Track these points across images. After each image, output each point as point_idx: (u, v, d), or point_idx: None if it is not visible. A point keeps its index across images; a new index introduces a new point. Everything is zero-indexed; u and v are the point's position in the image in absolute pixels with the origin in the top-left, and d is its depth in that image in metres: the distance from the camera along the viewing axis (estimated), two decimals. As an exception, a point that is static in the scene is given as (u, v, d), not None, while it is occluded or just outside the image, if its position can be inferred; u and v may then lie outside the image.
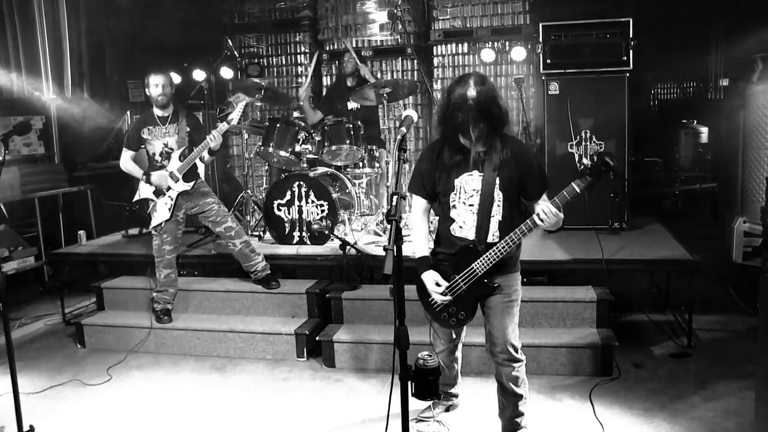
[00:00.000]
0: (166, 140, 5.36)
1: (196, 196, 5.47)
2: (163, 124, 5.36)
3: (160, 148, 5.37)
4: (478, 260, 3.31)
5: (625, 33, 6.20)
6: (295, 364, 5.16)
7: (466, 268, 3.36)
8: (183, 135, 5.35)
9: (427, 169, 3.47)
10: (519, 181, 3.33)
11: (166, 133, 5.36)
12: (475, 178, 3.35)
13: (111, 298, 6.03)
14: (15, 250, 7.17)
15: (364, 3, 8.14)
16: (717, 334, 5.30)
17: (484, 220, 3.33)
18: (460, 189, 3.38)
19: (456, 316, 3.49)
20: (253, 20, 8.65)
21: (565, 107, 6.25)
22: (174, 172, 5.33)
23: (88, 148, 8.73)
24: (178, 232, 5.52)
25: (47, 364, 5.37)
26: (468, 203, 3.37)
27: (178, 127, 5.36)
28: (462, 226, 3.40)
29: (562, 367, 4.70)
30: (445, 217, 3.47)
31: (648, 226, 6.51)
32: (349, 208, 6.37)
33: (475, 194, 3.35)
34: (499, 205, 3.34)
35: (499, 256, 3.27)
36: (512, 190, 3.34)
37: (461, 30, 8.00)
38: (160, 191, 5.37)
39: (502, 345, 3.45)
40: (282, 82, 8.62)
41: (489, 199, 3.32)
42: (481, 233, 3.34)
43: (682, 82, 11.27)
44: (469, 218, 3.38)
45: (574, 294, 5.04)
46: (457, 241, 3.41)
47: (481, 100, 3.14)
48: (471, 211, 3.37)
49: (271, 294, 5.57)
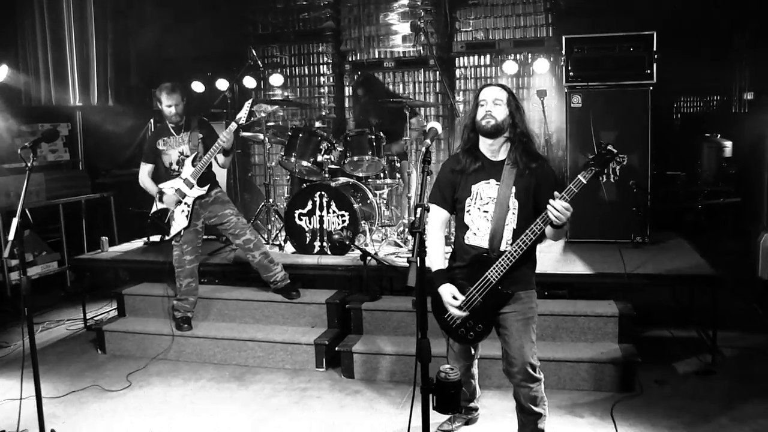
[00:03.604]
0: (181, 148, 5.39)
1: (215, 206, 5.48)
2: (177, 133, 5.40)
3: (176, 157, 5.40)
4: (491, 268, 3.30)
5: (649, 46, 6.17)
6: (314, 374, 5.16)
7: (480, 278, 3.34)
8: (195, 142, 5.37)
9: (445, 178, 3.52)
10: (535, 193, 3.35)
11: (180, 142, 5.39)
12: (492, 186, 3.39)
13: (132, 305, 6.07)
14: (39, 255, 7.27)
15: (386, 14, 8.16)
16: (742, 351, 5.22)
17: (498, 227, 3.34)
18: (477, 195, 3.42)
19: (473, 329, 3.44)
20: (277, 30, 8.71)
21: (587, 120, 6.21)
22: (188, 178, 5.32)
23: (111, 155, 8.82)
24: (198, 241, 5.53)
25: (68, 369, 5.42)
26: (483, 209, 3.40)
27: (190, 134, 5.38)
28: (476, 233, 3.42)
29: (583, 382, 4.66)
30: (460, 224, 3.49)
31: (670, 241, 6.44)
32: (370, 218, 6.37)
33: (491, 201, 3.38)
34: (514, 214, 3.36)
35: (512, 261, 3.25)
36: (527, 200, 3.36)
37: (484, 42, 8.00)
38: (176, 201, 5.40)
39: (520, 365, 3.40)
40: (305, 92, 8.66)
41: (504, 207, 3.34)
42: (494, 241, 3.34)
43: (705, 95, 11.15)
44: (483, 225, 3.40)
45: (595, 308, 5.00)
46: (470, 250, 3.42)
47: (511, 104, 3.38)
48: (485, 218, 3.39)
49: (291, 303, 5.58)
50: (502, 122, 3.35)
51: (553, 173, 3.46)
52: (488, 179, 3.40)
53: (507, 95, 3.41)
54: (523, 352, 3.39)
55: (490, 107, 3.36)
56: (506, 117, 3.37)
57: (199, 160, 5.30)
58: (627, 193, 6.14)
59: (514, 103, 3.41)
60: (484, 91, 3.45)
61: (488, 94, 3.41)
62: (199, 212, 5.45)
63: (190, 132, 5.39)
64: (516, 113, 3.39)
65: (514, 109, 3.39)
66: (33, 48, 8.13)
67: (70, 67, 8.19)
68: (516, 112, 3.40)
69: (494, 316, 3.42)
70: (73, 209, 7.75)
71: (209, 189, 5.43)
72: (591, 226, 6.24)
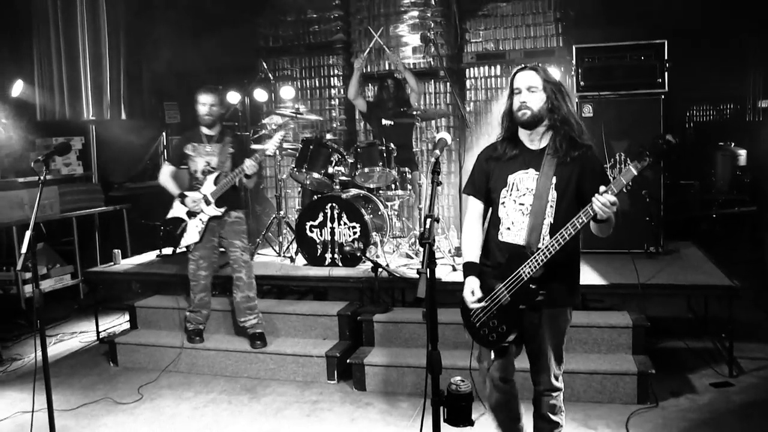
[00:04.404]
0: (208, 159, 5.30)
1: (230, 231, 5.38)
2: (208, 143, 5.32)
3: (203, 166, 5.31)
4: (525, 263, 2.99)
5: (660, 55, 6.14)
6: (326, 386, 5.14)
7: (511, 275, 3.04)
8: (224, 158, 5.29)
9: (480, 167, 3.29)
10: (578, 183, 3.07)
11: (210, 152, 5.31)
12: (531, 176, 3.11)
13: (144, 317, 6.08)
14: (52, 267, 7.32)
15: (397, 26, 8.18)
16: (761, 363, 5.13)
17: (537, 222, 3.06)
18: (513, 186, 3.14)
19: (496, 330, 3.11)
20: (288, 43, 8.75)
21: (599, 129, 6.18)
22: (207, 195, 5.25)
23: (124, 169, 8.89)
24: (213, 257, 5.50)
25: (81, 381, 5.43)
26: (519, 202, 3.12)
27: (222, 148, 5.31)
28: (510, 227, 3.14)
29: (597, 394, 4.61)
30: (494, 218, 3.22)
31: (684, 251, 6.39)
32: (381, 230, 6.36)
33: (528, 193, 3.10)
34: (552, 206, 3.07)
35: (548, 256, 2.93)
36: (569, 192, 3.07)
37: (494, 52, 8.00)
38: (192, 212, 5.34)
39: (546, 374, 3.25)
40: (315, 104, 8.69)
41: (543, 199, 3.06)
42: (531, 236, 3.05)
43: (718, 103, 11.12)
44: (518, 219, 3.12)
45: (609, 319, 4.95)
46: (504, 247, 3.15)
47: (547, 89, 3.08)
48: (521, 211, 3.11)
49: (303, 315, 5.57)
50: (539, 111, 3.08)
51: (598, 161, 3.19)
52: (527, 169, 3.12)
53: (542, 79, 3.10)
54: (550, 361, 3.23)
55: (525, 96, 3.08)
56: (543, 104, 3.08)
57: (223, 177, 5.23)
58: (640, 203, 6.09)
59: (550, 86, 3.10)
60: (518, 77, 3.14)
61: (522, 80, 3.11)
62: (215, 229, 5.38)
63: (222, 145, 5.31)
64: (555, 97, 3.09)
65: (551, 93, 3.09)
66: (48, 64, 8.23)
67: (84, 82, 8.28)
68: (555, 96, 3.09)
69: (521, 319, 3.09)
70: (87, 222, 7.80)
71: (228, 210, 5.32)
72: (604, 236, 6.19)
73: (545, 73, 3.12)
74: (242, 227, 5.44)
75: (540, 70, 3.12)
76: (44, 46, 8.24)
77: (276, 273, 6.13)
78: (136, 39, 8.81)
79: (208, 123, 5.28)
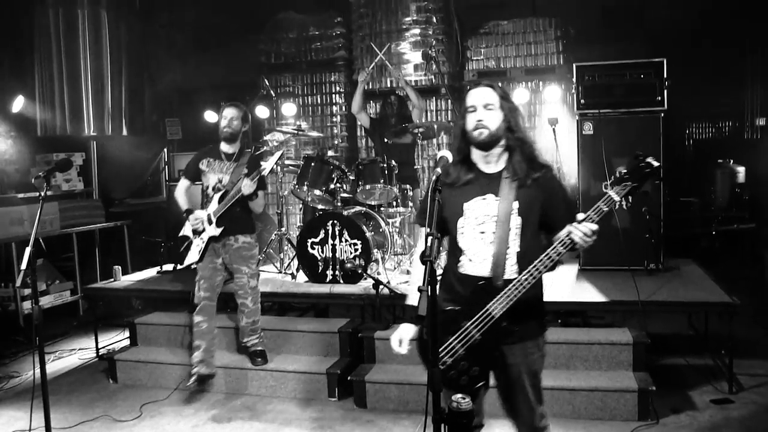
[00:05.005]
0: (221, 176, 5.17)
1: (237, 256, 5.19)
2: (227, 160, 5.19)
3: (214, 183, 5.17)
4: (495, 300, 2.73)
5: (659, 73, 6.18)
6: (327, 403, 5.12)
7: (480, 311, 2.75)
8: (237, 177, 5.08)
9: (432, 195, 2.82)
10: (542, 207, 2.85)
11: (224, 170, 5.17)
12: (490, 202, 2.85)
13: (144, 334, 6.07)
14: (52, 284, 7.31)
15: (398, 44, 8.24)
16: (760, 379, 5.12)
17: (501, 251, 2.80)
18: (471, 213, 2.88)
19: (467, 372, 2.77)
20: (290, 60, 8.82)
21: (599, 147, 6.21)
22: (211, 214, 5.10)
23: (125, 185, 8.90)
24: (215, 280, 5.25)
25: (79, 398, 5.41)
26: (479, 230, 2.86)
27: (236, 167, 5.15)
28: (472, 258, 2.86)
29: (597, 411, 4.59)
30: (453, 248, 2.94)
31: (684, 267, 6.39)
32: (382, 247, 6.37)
33: (488, 220, 2.84)
34: (518, 234, 2.82)
35: (521, 291, 2.69)
36: (533, 217, 2.84)
37: (495, 70, 8.07)
38: (196, 231, 5.20)
39: (528, 423, 2.95)
40: (317, 121, 8.72)
41: (505, 226, 2.81)
42: (497, 267, 2.80)
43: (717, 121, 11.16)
44: (480, 249, 2.85)
45: (609, 336, 4.94)
46: (466, 280, 2.85)
47: (504, 107, 2.87)
48: (482, 240, 2.85)
49: (304, 332, 5.56)
50: (496, 130, 2.85)
51: (559, 182, 2.99)
52: (484, 194, 2.87)
53: (499, 97, 2.89)
54: (533, 415, 2.93)
55: (481, 114, 2.85)
56: (501, 123, 2.86)
57: (227, 196, 5.07)
58: (640, 220, 6.11)
59: (507, 104, 2.90)
60: (472, 94, 2.91)
61: (477, 97, 2.88)
62: (219, 251, 5.19)
63: (237, 165, 5.16)
64: (511, 116, 2.88)
65: (508, 112, 2.88)
66: (49, 79, 8.28)
67: (85, 98, 8.33)
68: (511, 114, 2.89)
69: (495, 358, 2.81)
70: (87, 238, 7.81)
71: (235, 234, 5.15)
72: (604, 253, 6.19)
73: (502, 91, 2.94)
74: (250, 253, 5.25)
75: (496, 87, 2.93)
76: (46, 61, 8.30)
77: (277, 290, 6.13)
78: (138, 55, 8.87)
79: (226, 136, 5.17)
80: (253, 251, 5.28)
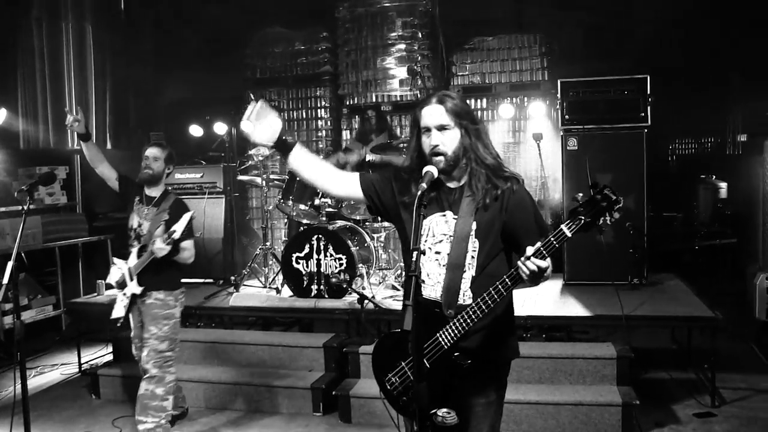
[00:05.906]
0: (141, 221, 4.55)
1: (145, 315, 4.48)
2: (146, 204, 4.58)
3: (135, 225, 4.58)
4: (444, 328, 2.54)
5: (643, 89, 6.27)
6: (312, 419, 5.09)
7: (430, 339, 2.56)
8: (155, 226, 4.40)
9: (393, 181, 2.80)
10: (508, 229, 2.62)
11: (143, 214, 4.56)
12: (448, 221, 2.65)
13: (127, 349, 5.96)
14: (34, 298, 7.22)
15: (384, 59, 8.29)
16: (742, 393, 5.17)
17: (455, 275, 2.60)
18: (429, 231, 2.67)
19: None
20: (275, 75, 8.84)
21: (583, 163, 6.26)
22: (131, 268, 4.48)
23: (109, 199, 8.82)
24: None
25: (61, 414, 5.35)
26: (435, 250, 2.65)
27: (157, 213, 4.48)
28: (426, 280, 2.65)
29: (582, 425, 4.60)
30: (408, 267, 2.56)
31: (668, 282, 6.45)
32: (367, 261, 6.36)
33: (445, 240, 2.64)
34: (474, 257, 2.61)
35: (469, 324, 2.50)
36: (492, 239, 2.62)
37: (480, 85, 8.14)
38: (122, 283, 4.57)
39: None
40: (302, 135, 8.74)
41: (462, 247, 2.59)
42: (449, 292, 2.59)
43: (700, 137, 11.28)
44: (434, 270, 2.65)
45: (593, 350, 4.96)
46: (423, 302, 2.60)
47: (461, 124, 2.61)
48: (438, 261, 2.65)
49: (289, 347, 5.54)
50: (454, 153, 2.62)
51: (528, 197, 2.68)
52: (444, 211, 2.67)
53: (452, 115, 2.60)
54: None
55: (436, 138, 2.60)
56: (458, 143, 2.62)
57: (144, 252, 4.41)
58: (624, 235, 6.15)
59: (463, 120, 2.62)
60: (425, 114, 2.63)
61: (430, 118, 2.62)
62: (141, 309, 4.54)
63: (157, 211, 4.49)
64: (470, 130, 2.63)
65: (467, 126, 2.62)
66: (33, 92, 8.24)
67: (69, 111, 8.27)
68: (470, 128, 2.63)
69: (447, 390, 2.58)
70: (70, 252, 7.73)
71: (150, 288, 4.46)
72: (588, 268, 6.26)
73: (455, 104, 2.62)
74: (163, 312, 4.46)
75: (448, 101, 2.62)
76: (29, 74, 8.28)
77: (262, 304, 6.11)
78: (123, 69, 8.85)
79: (145, 178, 4.57)
80: (169, 311, 4.49)
